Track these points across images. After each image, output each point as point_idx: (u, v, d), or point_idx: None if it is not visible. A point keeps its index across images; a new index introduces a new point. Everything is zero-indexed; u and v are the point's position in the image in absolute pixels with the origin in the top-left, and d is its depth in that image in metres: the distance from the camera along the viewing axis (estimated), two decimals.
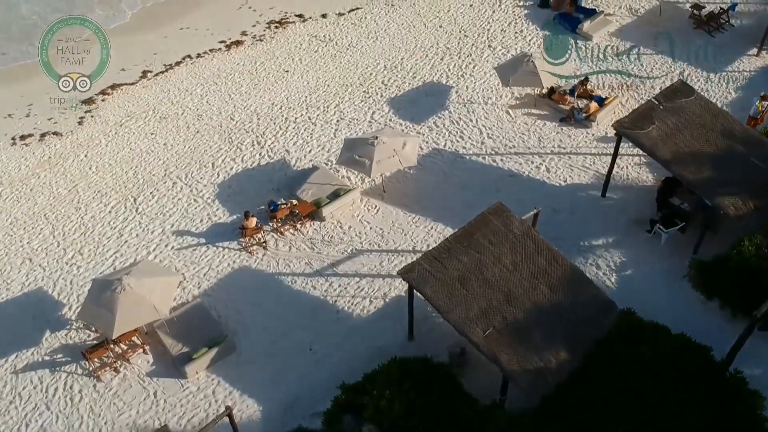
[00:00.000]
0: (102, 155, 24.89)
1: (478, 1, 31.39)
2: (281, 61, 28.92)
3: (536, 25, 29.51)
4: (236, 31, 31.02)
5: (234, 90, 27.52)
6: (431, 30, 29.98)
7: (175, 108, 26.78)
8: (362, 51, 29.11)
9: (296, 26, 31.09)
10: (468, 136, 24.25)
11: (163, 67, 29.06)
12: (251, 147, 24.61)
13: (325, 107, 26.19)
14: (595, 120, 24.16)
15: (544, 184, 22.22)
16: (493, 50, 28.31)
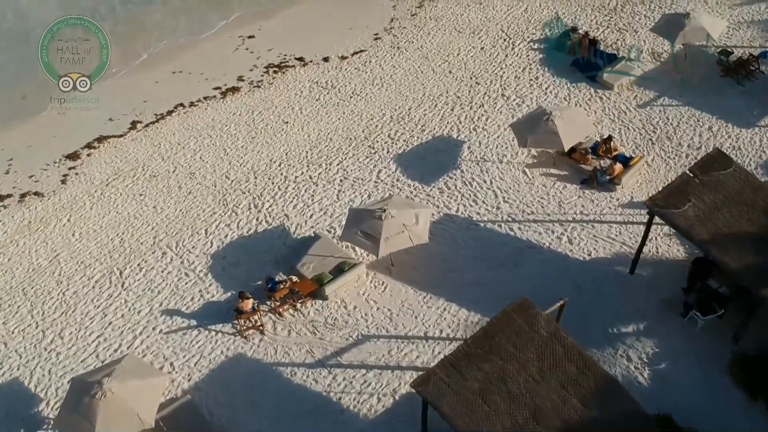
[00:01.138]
0: (86, 219, 23.53)
1: (489, 44, 30.12)
2: (280, 111, 27.62)
3: (552, 71, 28.25)
4: (232, 75, 29.74)
5: (229, 144, 26.20)
6: (440, 76, 28.68)
7: (166, 165, 25.43)
8: (367, 99, 27.81)
9: (296, 71, 29.81)
10: (482, 200, 22.89)
11: (154, 117, 27.77)
12: (247, 211, 23.25)
13: (328, 164, 24.85)
14: (619, 183, 22.79)
15: (566, 258, 20.81)
16: (507, 100, 27.00)
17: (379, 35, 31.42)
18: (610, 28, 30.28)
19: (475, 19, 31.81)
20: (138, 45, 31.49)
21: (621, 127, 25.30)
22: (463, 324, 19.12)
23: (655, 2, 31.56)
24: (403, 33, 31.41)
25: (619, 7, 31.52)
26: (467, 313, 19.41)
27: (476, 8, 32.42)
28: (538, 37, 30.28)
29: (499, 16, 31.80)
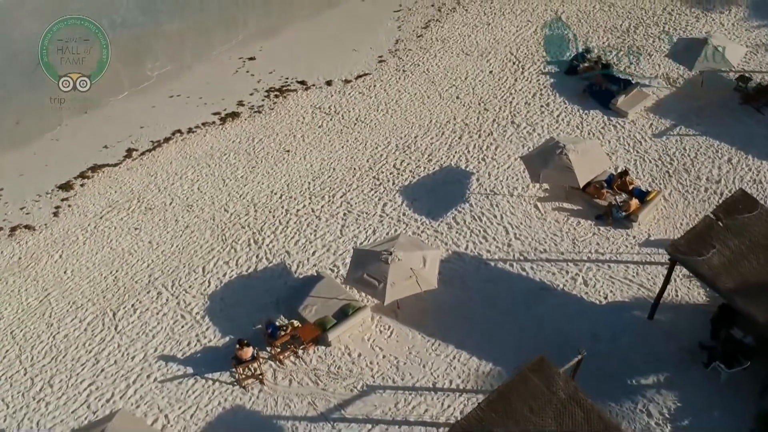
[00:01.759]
0: (79, 256, 22.77)
1: (498, 68, 29.39)
2: (281, 139, 26.88)
3: (564, 97, 27.48)
4: (232, 100, 29.02)
5: (229, 174, 25.46)
6: (447, 102, 27.94)
7: (163, 196, 24.69)
8: (371, 126, 27.07)
9: (298, 95, 29.09)
10: (492, 237, 22.10)
11: (151, 145, 27.03)
12: (247, 247, 22.49)
13: (331, 197, 24.10)
14: (636, 219, 22.00)
15: (581, 302, 20.01)
16: (517, 127, 26.24)
17: (384, 57, 30.72)
18: (623, 50, 29.56)
19: (483, 40, 31.09)
20: (135, 69, 30.69)
21: (636, 158, 24.54)
22: (474, 374, 18.33)
23: (669, 24, 30.88)
24: (408, 55, 30.70)
25: (632, 28, 30.81)
26: (478, 362, 18.62)
27: (484, 29, 31.71)
28: (548, 60, 29.48)
29: (508, 38, 31.08)
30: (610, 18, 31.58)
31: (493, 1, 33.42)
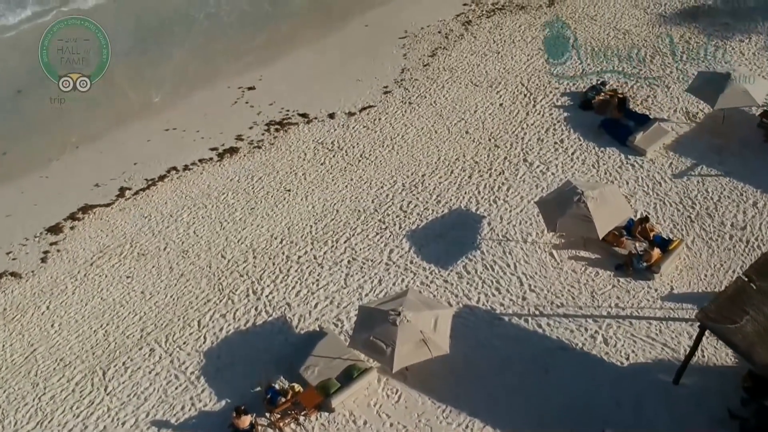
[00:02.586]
0: (67, 307, 21.79)
1: (508, 100, 28.43)
2: (282, 177, 25.91)
3: (579, 133, 26.50)
4: (230, 133, 28.07)
5: (227, 216, 24.49)
6: (456, 137, 26.98)
7: (157, 241, 23.70)
8: (376, 164, 26.09)
9: (299, 129, 28.13)
10: (506, 288, 21.10)
11: (144, 183, 26.06)
12: (245, 298, 21.50)
13: (334, 242, 23.11)
14: (658, 271, 20.99)
15: (602, 363, 19.00)
16: (530, 166, 25.27)
17: (389, 88, 29.77)
18: (640, 82, 28.60)
19: (492, 70, 30.16)
20: (129, 99, 29.77)
21: (656, 201, 23.55)
22: None
23: (687, 53, 29.91)
24: (414, 86, 29.75)
25: (648, 58, 29.87)
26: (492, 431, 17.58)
27: (493, 58, 30.78)
28: (561, 91, 28.55)
29: (519, 68, 30.14)
30: (626, 47, 30.64)
31: (502, 28, 32.48)
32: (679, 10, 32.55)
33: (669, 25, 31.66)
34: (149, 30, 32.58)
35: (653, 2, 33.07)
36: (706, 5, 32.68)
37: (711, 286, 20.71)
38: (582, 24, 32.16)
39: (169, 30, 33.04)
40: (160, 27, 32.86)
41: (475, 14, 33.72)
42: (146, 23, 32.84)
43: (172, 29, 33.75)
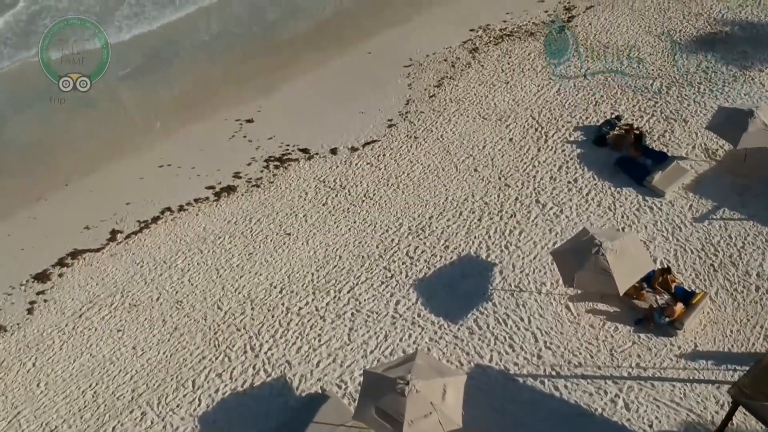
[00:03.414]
0: (54, 364, 20.83)
1: (518, 135, 27.51)
2: (282, 219, 24.97)
3: (593, 171, 25.55)
4: (228, 170, 27.16)
5: (223, 262, 23.53)
6: (464, 175, 26.04)
7: (149, 290, 22.75)
8: (381, 205, 25.15)
9: (300, 166, 27.21)
10: (519, 345, 20.13)
11: (137, 226, 25.12)
12: (243, 355, 20.54)
13: (337, 291, 22.15)
14: (681, 327, 20.01)
15: (623, 431, 17.96)
16: (543, 208, 24.32)
17: (394, 121, 28.86)
18: (656, 116, 27.68)
19: (501, 102, 29.24)
20: (122, 132, 28.85)
21: (677, 248, 22.58)
22: None
23: (704, 84, 29.00)
24: (420, 119, 28.84)
25: (664, 89, 28.95)
26: None
27: (502, 89, 29.87)
28: (574, 125, 27.63)
29: (529, 99, 29.23)
30: (640, 77, 29.73)
31: (511, 56, 31.59)
32: (694, 37, 31.67)
33: (684, 53, 30.72)
34: (142, 59, 31.64)
35: (667, 29, 32.17)
36: (723, 32, 31.80)
37: (737, 344, 19.76)
38: (594, 51, 31.25)
39: (164, 59, 32.09)
40: (153, 56, 31.92)
41: (482, 41, 32.84)
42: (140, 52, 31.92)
43: (166, 58, 32.87)
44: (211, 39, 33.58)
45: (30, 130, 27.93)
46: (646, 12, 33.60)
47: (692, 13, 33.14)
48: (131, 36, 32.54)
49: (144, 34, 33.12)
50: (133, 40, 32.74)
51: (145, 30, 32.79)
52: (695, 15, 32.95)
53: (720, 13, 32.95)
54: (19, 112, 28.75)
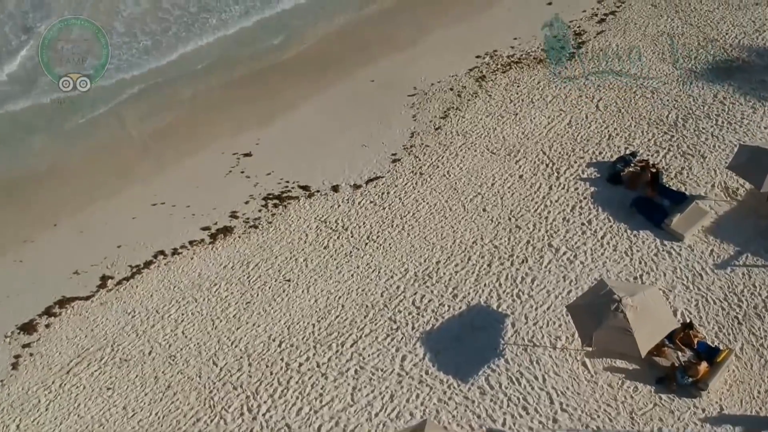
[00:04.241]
0: (39, 426, 20.07)
1: (529, 171, 26.60)
2: (281, 264, 24.04)
3: (608, 212, 24.61)
4: (224, 209, 26.27)
5: (219, 312, 22.62)
6: (472, 215, 25.11)
7: (141, 343, 21.82)
8: (385, 248, 24.23)
9: (300, 204, 26.29)
10: (534, 407, 19.19)
11: (129, 271, 24.20)
12: (239, 417, 19.65)
13: (339, 345, 21.23)
14: (705, 388, 19.04)
15: None
16: (556, 253, 23.37)
17: (398, 156, 27.96)
18: (672, 151, 26.75)
19: (510, 135, 28.33)
20: (113, 168, 27.92)
21: (698, 298, 21.62)
22: None
23: (722, 116, 28.08)
24: (426, 153, 27.93)
25: (680, 121, 28.02)
26: None
27: (511, 121, 28.96)
28: (587, 161, 26.71)
29: (539, 132, 28.33)
30: (655, 108, 28.83)
31: (519, 85, 30.71)
32: (710, 65, 30.78)
33: (701, 82, 29.83)
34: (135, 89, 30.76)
35: (682, 56, 31.29)
36: (740, 59, 30.90)
37: (767, 406, 18.76)
38: (606, 80, 30.36)
39: (158, 88, 31.22)
40: (147, 85, 31.04)
41: (489, 68, 31.96)
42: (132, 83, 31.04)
43: (160, 87, 31.98)
44: (207, 66, 32.55)
45: (17, 165, 26.95)
46: (659, 37, 32.68)
47: (708, 38, 32.22)
48: (129, 76, 31.58)
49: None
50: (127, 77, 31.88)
51: (145, 70, 31.76)
52: (711, 41, 32.02)
53: (737, 38, 32.06)
54: (6, 145, 27.81)
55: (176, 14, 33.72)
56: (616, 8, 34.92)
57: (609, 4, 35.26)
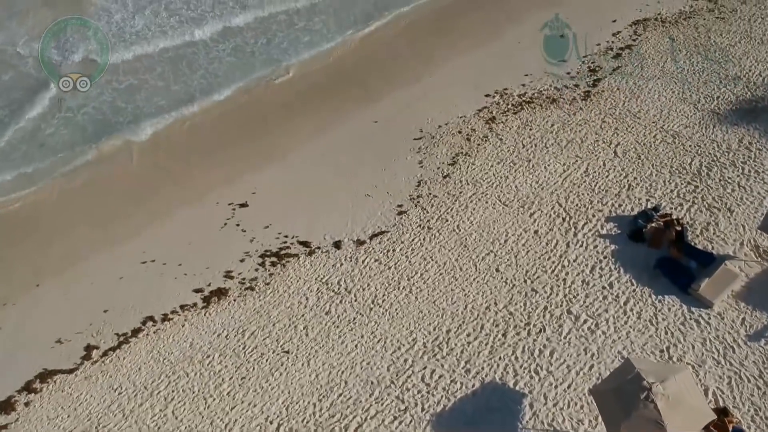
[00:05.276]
0: None
1: (544, 225, 25.22)
2: (279, 332, 22.68)
3: (631, 275, 23.23)
4: (218, 268, 24.92)
5: (212, 389, 21.28)
6: (485, 276, 23.73)
7: (128, 425, 20.53)
8: (391, 314, 22.87)
9: (299, 263, 24.90)
10: None
11: (115, 339, 22.87)
12: None
13: (342, 429, 19.83)
14: None
15: None
16: (576, 321, 22.00)
17: (404, 207, 26.60)
18: (697, 204, 25.36)
19: (523, 184, 26.97)
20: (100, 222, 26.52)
21: (731, 375, 20.24)
22: None
23: (749, 164, 26.72)
24: (434, 204, 26.56)
25: (704, 169, 26.66)
26: None
27: (524, 168, 27.60)
28: (606, 215, 25.33)
29: (554, 181, 26.96)
30: (677, 154, 27.47)
31: (531, 128, 29.36)
32: (734, 105, 29.45)
33: (724, 125, 28.49)
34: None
35: (704, 95, 29.96)
36: (765, 99, 29.54)
37: None
38: (624, 123, 29.01)
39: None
40: None
41: (499, 109, 30.62)
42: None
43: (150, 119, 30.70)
44: (200, 107, 31.23)
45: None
46: (678, 74, 31.38)
47: (730, 76, 30.88)
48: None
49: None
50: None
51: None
52: (733, 78, 30.69)
53: (761, 76, 30.74)
54: None
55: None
56: (632, 41, 33.57)
57: (624, 36, 33.88)
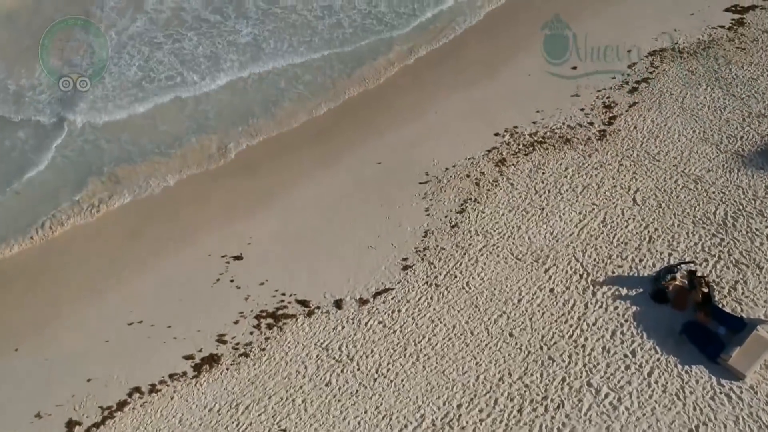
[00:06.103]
0: None
1: (560, 283, 23.77)
2: (275, 406, 21.21)
3: (654, 340, 21.81)
4: (210, 331, 23.44)
5: None
6: (497, 341, 22.29)
7: None
8: (397, 385, 21.43)
9: (298, 325, 23.43)
10: None
11: (99, 414, 21.38)
12: None
13: None
14: None
15: None
16: (596, 394, 20.57)
17: (410, 261, 25.11)
18: (723, 259, 23.91)
19: (536, 236, 25.50)
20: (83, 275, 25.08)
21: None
22: None
23: None
24: (441, 258, 25.08)
25: (729, 219, 25.22)
26: None
27: (537, 217, 26.13)
28: (626, 272, 23.88)
29: (570, 232, 25.50)
30: (699, 202, 26.02)
31: (544, 172, 27.89)
32: (759, 147, 27.99)
33: (749, 168, 27.06)
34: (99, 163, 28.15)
35: (726, 135, 28.53)
36: None
37: None
38: (642, 166, 27.57)
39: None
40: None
41: (510, 150, 29.14)
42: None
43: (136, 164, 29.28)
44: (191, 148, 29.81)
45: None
46: (698, 111, 29.93)
47: (753, 113, 29.46)
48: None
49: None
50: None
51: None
52: (757, 116, 29.27)
53: None
54: None
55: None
56: (649, 74, 32.13)
57: (641, 69, 32.44)
